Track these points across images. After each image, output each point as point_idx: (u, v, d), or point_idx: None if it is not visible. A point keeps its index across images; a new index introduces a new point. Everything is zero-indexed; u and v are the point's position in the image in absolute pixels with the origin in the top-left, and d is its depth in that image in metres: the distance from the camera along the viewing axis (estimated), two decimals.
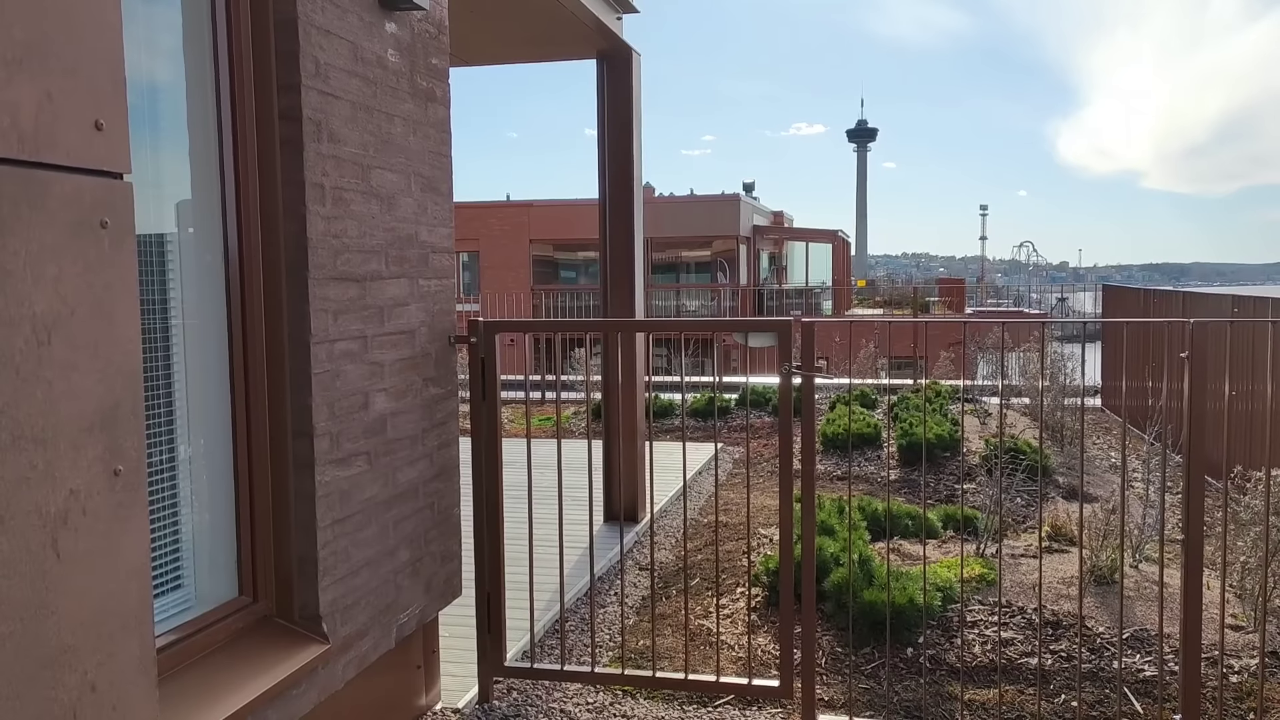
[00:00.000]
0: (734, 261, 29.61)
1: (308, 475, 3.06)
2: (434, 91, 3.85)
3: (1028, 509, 6.96)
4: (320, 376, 3.08)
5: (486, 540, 4.10)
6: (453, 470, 4.00)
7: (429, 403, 3.79)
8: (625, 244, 6.81)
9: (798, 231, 34.82)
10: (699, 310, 29.35)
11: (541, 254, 30.44)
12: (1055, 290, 48.41)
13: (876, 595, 4.51)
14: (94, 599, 1.52)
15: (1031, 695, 4.06)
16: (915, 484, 7.77)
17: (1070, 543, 5.78)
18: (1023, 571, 5.28)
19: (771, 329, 3.87)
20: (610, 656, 4.62)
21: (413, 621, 3.70)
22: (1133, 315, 11.09)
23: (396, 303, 3.57)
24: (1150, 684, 4.12)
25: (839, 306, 31.36)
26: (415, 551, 3.69)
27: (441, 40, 3.92)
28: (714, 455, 5.41)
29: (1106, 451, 9.59)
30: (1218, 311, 8.13)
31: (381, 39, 3.45)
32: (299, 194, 3.00)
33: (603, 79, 6.82)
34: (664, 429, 10.61)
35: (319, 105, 3.06)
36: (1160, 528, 3.88)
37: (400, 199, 3.58)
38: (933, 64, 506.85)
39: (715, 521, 4.89)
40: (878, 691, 4.19)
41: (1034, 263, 71.80)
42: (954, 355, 12.64)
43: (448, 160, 3.98)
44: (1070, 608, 4.73)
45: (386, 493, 3.49)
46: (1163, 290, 10.88)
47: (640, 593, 5.49)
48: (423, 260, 3.76)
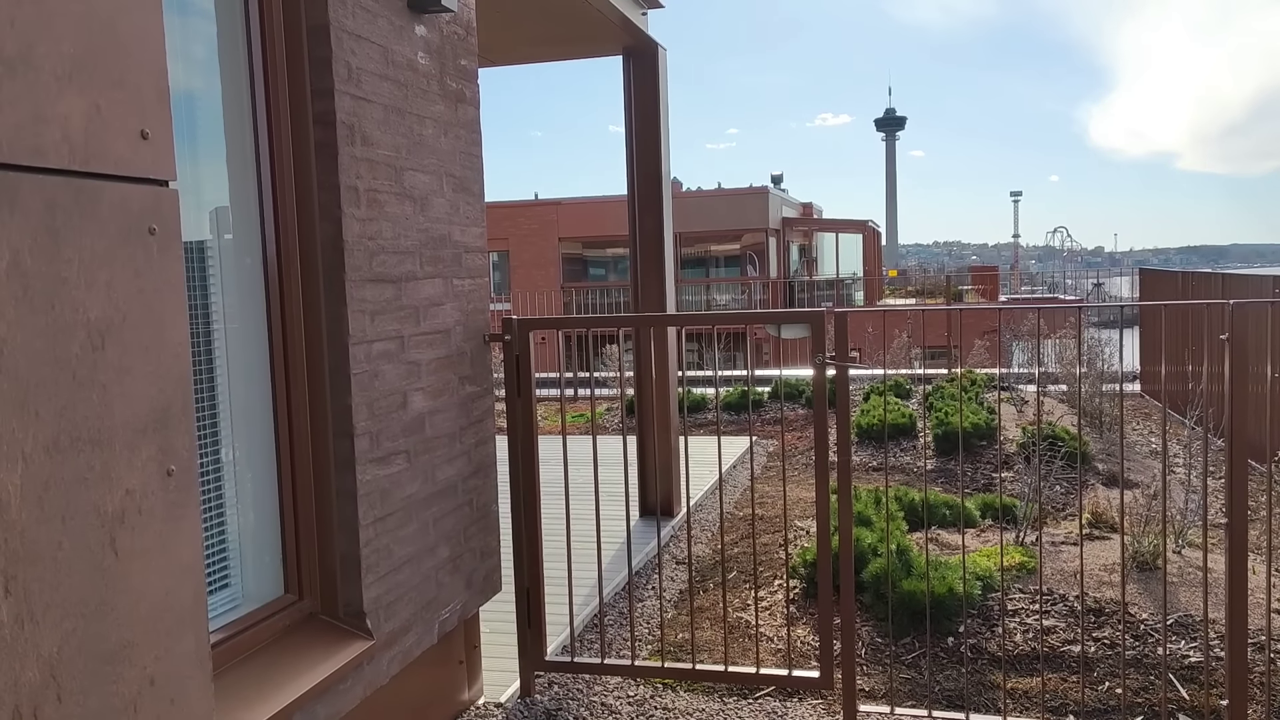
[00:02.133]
0: (763, 254, 29.53)
1: (349, 474, 3.11)
2: (464, 93, 3.88)
3: (1067, 496, 6.90)
4: (359, 377, 3.13)
5: (525, 536, 4.14)
6: (490, 467, 4.04)
7: (465, 401, 3.83)
8: (655, 239, 6.82)
9: (827, 223, 34.64)
10: (729, 304, 29.30)
11: (571, 252, 30.53)
12: (1090, 276, 47.81)
13: (915, 585, 4.50)
14: (151, 596, 1.56)
15: (1074, 683, 4.03)
16: (952, 473, 7.72)
17: (1111, 529, 5.72)
18: (1063, 559, 5.24)
19: (804, 320, 3.87)
20: (650, 650, 4.65)
21: (454, 617, 3.74)
22: (1171, 299, 10.94)
23: (432, 302, 3.61)
24: (1196, 670, 4.08)
25: (870, 297, 31.18)
26: (455, 548, 3.74)
27: (470, 42, 3.95)
28: (749, 448, 5.41)
29: (1146, 437, 9.48)
30: (1259, 293, 8.00)
31: (411, 42, 3.49)
32: (334, 197, 3.05)
33: (629, 75, 6.84)
34: (697, 423, 10.62)
35: (352, 109, 3.10)
36: (1204, 512, 3.84)
37: (433, 200, 3.62)
38: (959, 49, 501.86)
39: (752, 514, 4.91)
40: (919, 681, 4.18)
41: (1068, 248, 70.96)
42: (989, 343, 12.53)
43: (479, 160, 4.02)
44: (1112, 595, 4.69)
45: (426, 490, 3.53)
46: (1201, 272, 10.72)
47: (678, 586, 5.51)
48: (456, 260, 3.80)
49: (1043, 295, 37.79)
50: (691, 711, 4.00)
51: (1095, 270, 58.54)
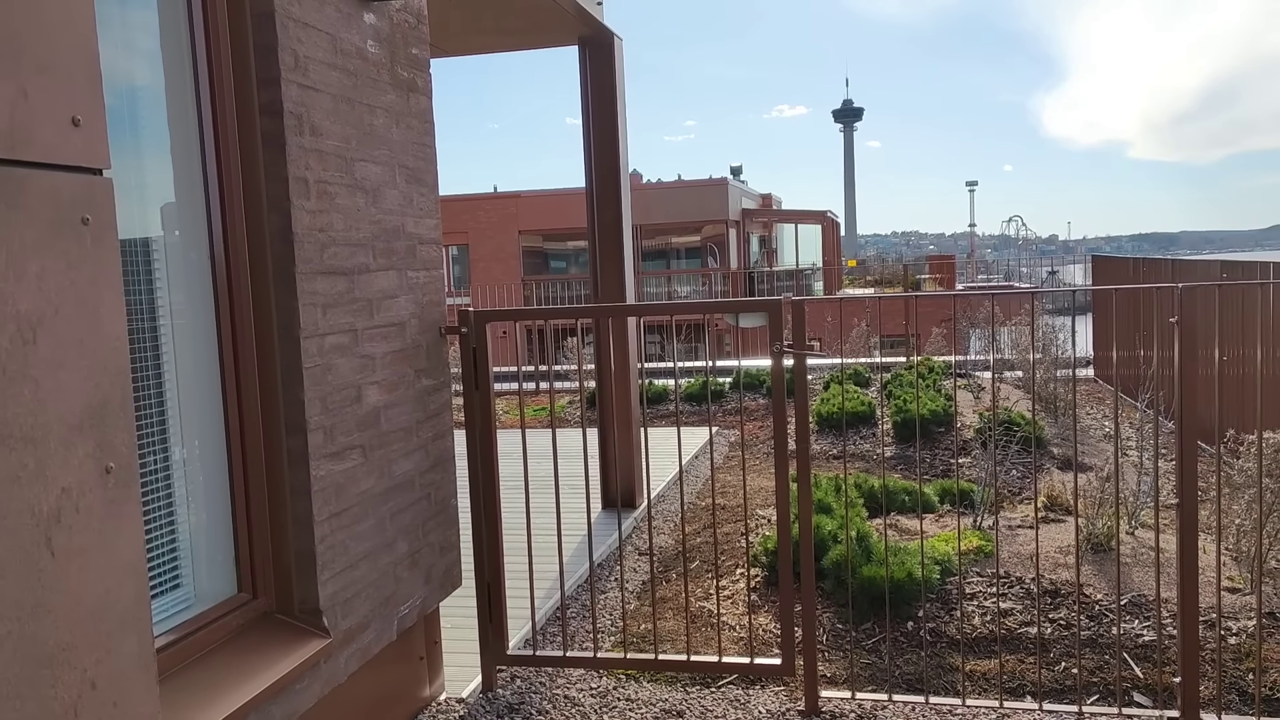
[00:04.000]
0: (724, 245, 29.60)
1: (302, 470, 3.06)
2: (415, 82, 3.83)
3: (1023, 480, 6.99)
4: (311, 371, 3.08)
5: (485, 530, 4.10)
6: (448, 461, 4.01)
7: (422, 394, 3.79)
8: (614, 231, 6.79)
9: (787, 213, 34.80)
10: (690, 295, 29.34)
11: (531, 245, 30.40)
12: (1045, 264, 48.51)
13: (875, 571, 4.53)
14: (90, 597, 1.52)
15: (1032, 664, 4.08)
16: (911, 460, 7.79)
17: (1066, 512, 5.80)
18: (1020, 542, 5.30)
19: (762, 309, 3.87)
20: (612, 641, 4.64)
21: (414, 613, 3.70)
22: (1122, 284, 11.12)
23: (385, 295, 3.56)
24: (1149, 648, 4.15)
25: (830, 287, 31.38)
26: (414, 543, 3.70)
27: (421, 30, 3.90)
28: (709, 439, 5.42)
29: (1100, 421, 9.63)
30: (1207, 277, 8.15)
31: (360, 30, 3.43)
32: (283, 189, 2.99)
33: (585, 65, 6.80)
34: (658, 414, 10.63)
35: (300, 99, 3.04)
36: (1155, 494, 3.91)
37: (385, 191, 3.57)
38: (915, 40, 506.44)
39: (713, 504, 4.91)
40: (879, 666, 4.21)
41: (1023, 237, 71.93)
42: (946, 331, 12.66)
43: (432, 151, 3.97)
44: (1068, 576, 4.76)
45: (382, 485, 3.49)
46: (1151, 259, 10.89)
47: (640, 578, 5.51)
48: (410, 252, 3.75)
49: (999, 283, 38.27)
50: (655, 701, 4.00)
51: (1050, 258, 59.42)
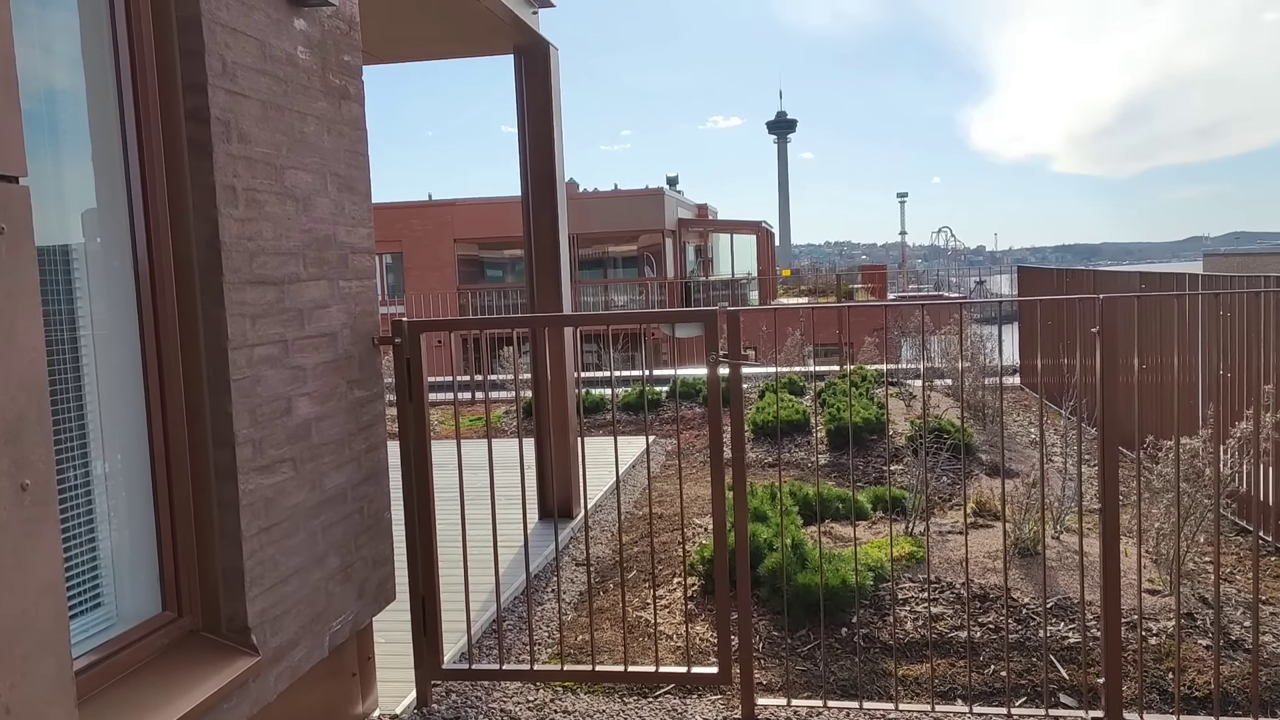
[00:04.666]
0: (660, 255, 29.72)
1: (230, 484, 2.99)
2: (347, 89, 3.78)
3: (953, 486, 7.13)
4: (240, 383, 3.01)
5: (419, 543, 4.05)
6: (382, 473, 3.95)
7: (354, 406, 3.73)
8: (550, 240, 6.78)
9: (722, 223, 35.08)
10: (628, 305, 29.38)
11: (467, 253, 30.16)
12: (973, 274, 49.65)
13: (810, 578, 4.58)
14: (5, 619, 1.46)
15: (962, 668, 4.16)
16: (844, 467, 7.90)
17: (994, 517, 5.93)
18: (950, 548, 5.41)
19: (698, 320, 3.89)
20: (549, 653, 4.61)
21: (346, 629, 3.64)
22: (1047, 295, 11.43)
23: (317, 305, 3.50)
24: (1074, 650, 4.26)
25: (765, 296, 31.69)
26: (346, 557, 3.63)
27: (353, 37, 3.85)
28: (646, 448, 5.43)
29: (1026, 428, 9.87)
30: (1127, 288, 8.42)
31: (291, 36, 3.37)
32: (209, 197, 2.92)
33: (521, 75, 6.78)
34: (595, 424, 10.61)
35: (227, 105, 2.98)
36: (1079, 499, 4.01)
37: (317, 199, 3.52)
38: (847, 53, 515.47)
39: (650, 514, 4.92)
40: (814, 672, 4.25)
41: (952, 247, 73.55)
42: (878, 340, 12.87)
43: (364, 159, 3.92)
44: (996, 580, 4.86)
45: (314, 499, 3.42)
46: (1074, 270, 11.22)
47: (577, 588, 5.49)
48: (342, 261, 3.70)
49: (929, 293, 39.03)
50: (592, 713, 3.98)
51: (978, 268, 60.81)
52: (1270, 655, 4.13)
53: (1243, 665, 4.04)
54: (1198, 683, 3.96)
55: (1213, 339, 6.27)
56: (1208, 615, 4.46)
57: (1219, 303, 6.09)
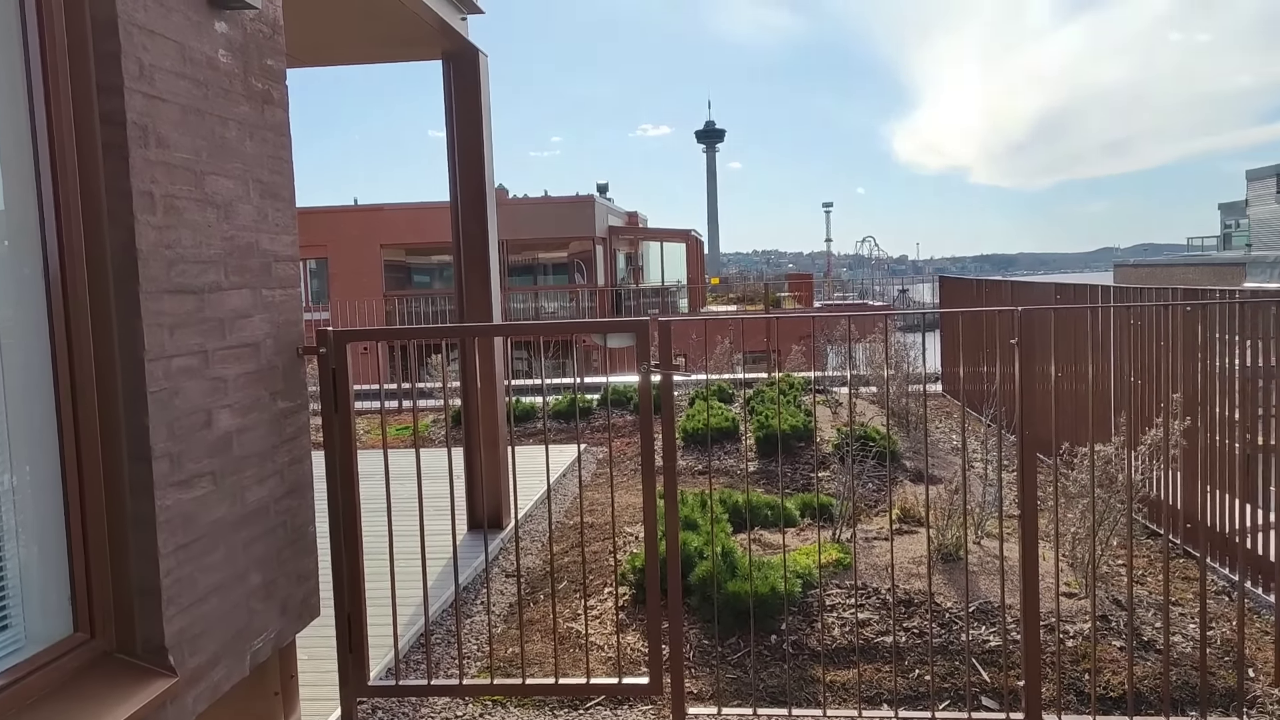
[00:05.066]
0: (590, 262, 29.70)
1: (146, 499, 2.89)
2: (270, 94, 3.70)
3: (878, 493, 7.25)
4: (157, 395, 2.92)
5: (345, 557, 3.97)
6: (306, 486, 3.86)
7: (278, 417, 3.64)
8: (480, 247, 6.73)
9: (652, 231, 35.22)
10: (557, 312, 29.30)
11: (394, 259, 29.75)
12: (896, 283, 50.77)
13: (740, 586, 4.61)
14: None
15: (888, 672, 4.22)
16: (773, 474, 7.98)
17: (919, 523, 6.05)
18: (876, 554, 5.49)
19: (630, 329, 3.89)
20: (478, 667, 4.56)
21: (268, 647, 3.54)
22: (967, 304, 11.71)
23: (239, 314, 3.42)
24: (995, 653, 4.36)
25: (694, 304, 31.88)
26: (268, 573, 3.54)
27: (276, 40, 3.77)
28: (578, 457, 5.41)
29: (948, 434, 10.09)
30: (1044, 299, 8.67)
31: (211, 39, 3.29)
32: (125, 203, 2.83)
33: (449, 80, 6.72)
34: (525, 433, 10.54)
35: (144, 109, 2.89)
36: (999, 506, 4.11)
37: (238, 206, 3.43)
38: (774, 66, 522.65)
39: (580, 523, 4.90)
40: (744, 680, 4.28)
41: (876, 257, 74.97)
42: (805, 348, 13.04)
43: (288, 165, 3.84)
44: (921, 586, 4.95)
45: (235, 513, 3.33)
46: (993, 280, 11.52)
47: (507, 600, 5.44)
48: (265, 269, 3.61)
49: (854, 301, 39.74)
50: None
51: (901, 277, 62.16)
52: (1180, 655, 4.28)
53: (1154, 665, 4.18)
54: (1113, 683, 4.09)
55: (1125, 348, 6.50)
56: (1121, 617, 4.61)
57: (1130, 314, 6.30)
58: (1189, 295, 6.37)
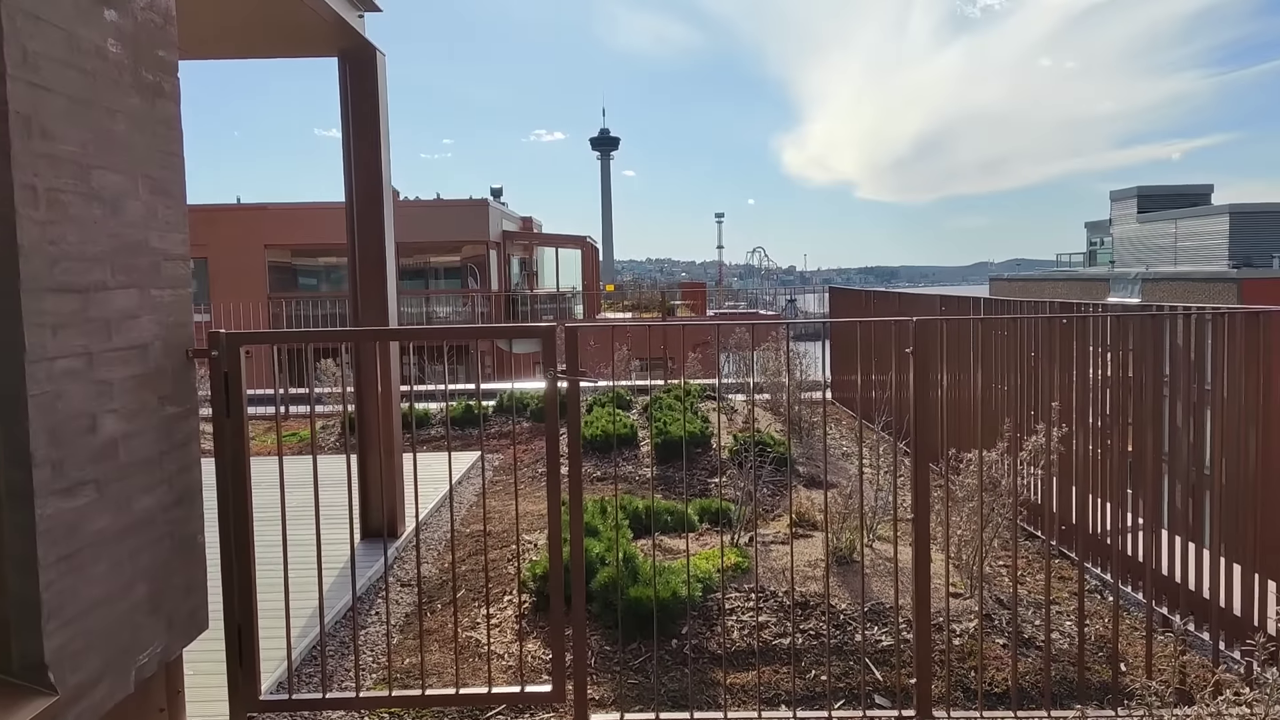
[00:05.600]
0: (484, 267, 29.41)
1: (25, 508, 2.74)
2: (161, 86, 3.56)
3: (774, 498, 7.39)
4: (38, 399, 2.77)
5: (236, 566, 3.84)
6: (195, 494, 3.71)
7: (166, 423, 3.50)
8: (376, 250, 6.60)
9: (547, 237, 35.10)
10: (450, 316, 28.90)
11: (278, 260, 28.87)
12: (785, 292, 51.95)
13: (642, 591, 4.63)
14: None
15: (787, 674, 4.31)
16: (671, 480, 8.04)
17: (813, 527, 6.19)
18: (773, 557, 5.60)
19: (536, 335, 3.88)
20: (375, 679, 4.46)
21: (154, 662, 3.39)
22: (856, 314, 12.04)
23: (126, 315, 3.27)
24: (888, 653, 4.50)
25: (590, 311, 31.90)
26: (155, 585, 3.39)
27: (168, 31, 3.63)
28: (480, 461, 5.35)
29: (839, 441, 10.35)
30: (929, 310, 8.99)
31: (101, 27, 3.15)
32: (6, 196, 2.68)
33: (345, 78, 6.58)
34: (419, 439, 10.36)
35: (28, 98, 2.74)
36: (894, 510, 4.24)
37: (127, 202, 3.29)
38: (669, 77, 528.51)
39: (484, 530, 4.84)
40: (646, 685, 4.30)
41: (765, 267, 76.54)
42: (701, 356, 13.19)
43: (179, 160, 3.69)
44: (817, 588, 5.07)
45: (120, 523, 3.18)
46: (881, 291, 11.88)
47: (404, 610, 5.34)
48: (154, 268, 3.47)
49: (745, 309, 40.43)
50: None
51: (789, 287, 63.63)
52: (1059, 652, 4.49)
53: (1036, 662, 4.37)
54: (997, 679, 4.26)
55: (1011, 359, 6.79)
56: (1005, 616, 4.81)
57: (1013, 326, 6.60)
58: (1064, 309, 6.70)
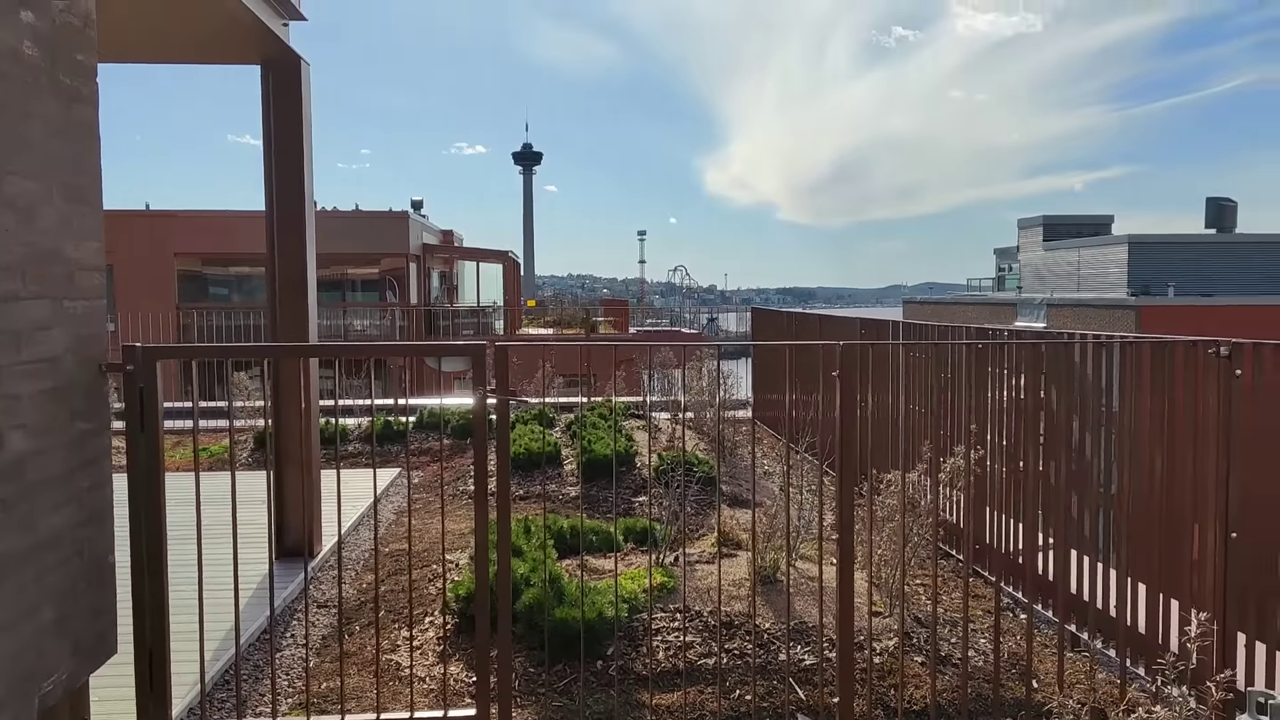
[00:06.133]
0: (403, 280, 29.00)
1: None
2: (79, 90, 3.44)
3: (697, 517, 7.42)
4: None
5: (147, 588, 3.69)
6: (106, 513, 3.58)
7: (77, 439, 3.36)
8: (297, 263, 6.46)
9: (469, 251, 34.79)
10: (367, 329, 28.41)
11: (188, 269, 28.01)
12: (706, 310, 52.46)
13: (568, 613, 4.60)
14: None
15: (712, 694, 4.32)
16: (595, 500, 8.02)
17: (737, 547, 6.24)
18: (698, 577, 5.62)
19: (466, 353, 3.83)
20: (291, 704, 4.34)
21: (59, 688, 3.25)
22: (777, 334, 12.22)
23: (36, 326, 3.14)
24: (811, 671, 4.55)
25: (511, 326, 31.70)
26: (61, 609, 3.25)
27: (88, 35, 3.51)
28: (400, 478, 5.26)
29: (760, 460, 10.46)
30: (850, 333, 9.16)
31: (16, 29, 3.03)
32: None
33: (268, 87, 6.44)
34: (333, 456, 10.13)
35: None
36: (820, 529, 4.30)
37: (40, 209, 3.16)
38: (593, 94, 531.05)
39: (409, 549, 4.76)
40: (571, 708, 4.27)
41: (687, 285, 77.18)
42: (624, 374, 13.22)
43: (96, 167, 3.58)
44: (741, 608, 5.11)
45: (26, 544, 3.05)
46: (803, 314, 12.07)
47: (321, 632, 5.21)
48: (68, 279, 3.34)
49: (666, 327, 40.70)
50: None
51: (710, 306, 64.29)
52: (975, 669, 4.60)
53: (953, 679, 4.47)
54: (916, 696, 4.34)
55: (928, 382, 6.96)
56: (923, 634, 4.91)
57: (938, 352, 6.76)
58: (979, 335, 6.89)
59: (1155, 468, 4.68)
